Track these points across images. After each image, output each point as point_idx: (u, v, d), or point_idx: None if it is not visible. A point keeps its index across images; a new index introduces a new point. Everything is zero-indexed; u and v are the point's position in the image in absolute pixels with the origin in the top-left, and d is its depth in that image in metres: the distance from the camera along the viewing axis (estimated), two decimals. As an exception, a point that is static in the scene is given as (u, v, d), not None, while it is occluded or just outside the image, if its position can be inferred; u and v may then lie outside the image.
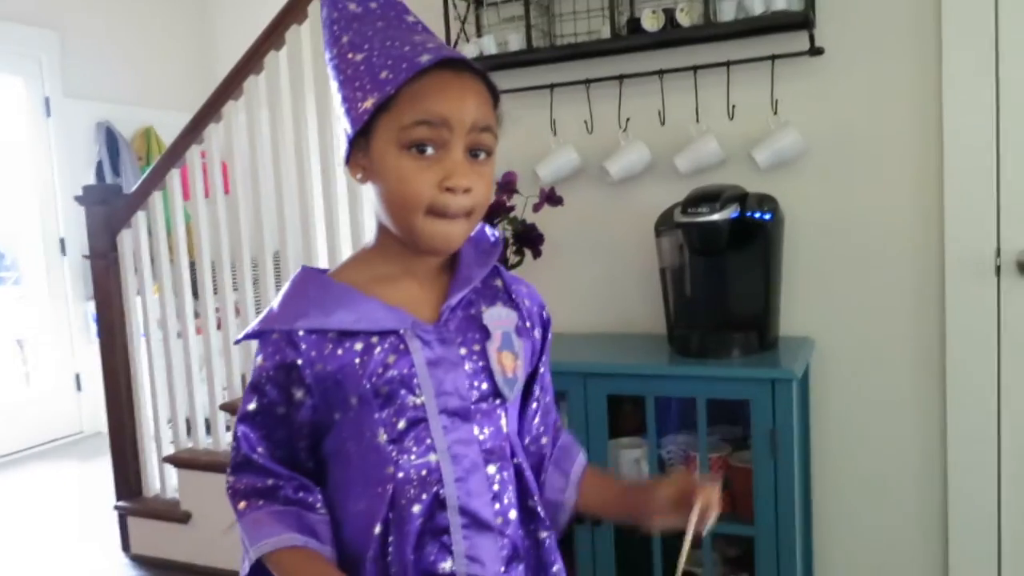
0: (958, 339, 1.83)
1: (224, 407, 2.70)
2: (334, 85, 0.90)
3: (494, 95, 0.90)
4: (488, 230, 0.99)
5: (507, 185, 1.97)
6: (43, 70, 4.47)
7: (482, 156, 0.88)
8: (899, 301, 1.89)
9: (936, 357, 1.87)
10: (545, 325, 1.02)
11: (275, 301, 0.91)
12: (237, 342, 0.97)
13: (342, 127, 0.91)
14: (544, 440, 1.03)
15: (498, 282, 0.98)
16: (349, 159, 0.90)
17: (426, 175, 0.84)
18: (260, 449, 0.92)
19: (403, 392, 0.87)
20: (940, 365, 1.87)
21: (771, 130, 1.90)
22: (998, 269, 1.78)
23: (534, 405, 1.02)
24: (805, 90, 1.90)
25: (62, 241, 4.56)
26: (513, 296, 0.97)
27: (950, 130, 1.79)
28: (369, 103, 0.85)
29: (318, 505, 0.91)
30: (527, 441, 1.02)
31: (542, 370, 1.03)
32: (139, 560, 2.81)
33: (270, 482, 0.92)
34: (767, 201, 1.79)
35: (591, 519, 1.09)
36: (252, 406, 0.91)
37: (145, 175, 2.77)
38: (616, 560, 1.79)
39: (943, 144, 1.80)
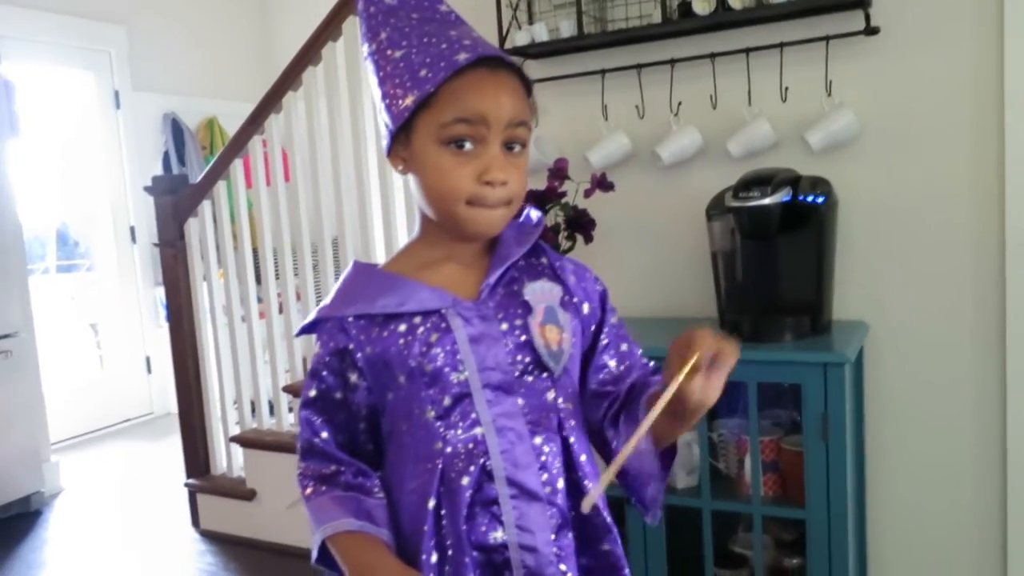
0: (1019, 323, 1.79)
1: (286, 389, 2.79)
2: (373, 80, 0.95)
3: (527, 87, 0.93)
4: (532, 213, 1.02)
5: (559, 171, 1.99)
6: (113, 64, 4.64)
7: (517, 148, 0.91)
8: (956, 285, 1.86)
9: (995, 342, 1.84)
10: (602, 297, 1.03)
11: (329, 295, 0.98)
12: (297, 335, 1.04)
13: (382, 120, 0.95)
14: (630, 379, 1.00)
15: (543, 260, 1.01)
16: (390, 152, 0.95)
17: (465, 169, 0.89)
18: (324, 434, 0.98)
19: (447, 369, 0.92)
20: (1000, 350, 1.83)
21: (825, 112, 1.88)
22: (1062, 252, 1.74)
23: (606, 360, 1.01)
24: (860, 71, 1.88)
25: (132, 229, 4.74)
26: (558, 272, 1.00)
27: (1012, 112, 1.75)
28: (410, 100, 0.89)
29: (375, 490, 0.97)
30: (615, 389, 0.99)
31: (604, 340, 1.01)
32: (208, 535, 2.93)
33: (331, 468, 0.98)
34: (820, 184, 1.78)
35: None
36: (312, 392, 0.98)
37: (210, 165, 2.87)
38: (667, 541, 1.82)
39: (1004, 126, 1.76)
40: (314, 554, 0.98)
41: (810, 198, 1.75)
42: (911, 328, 1.91)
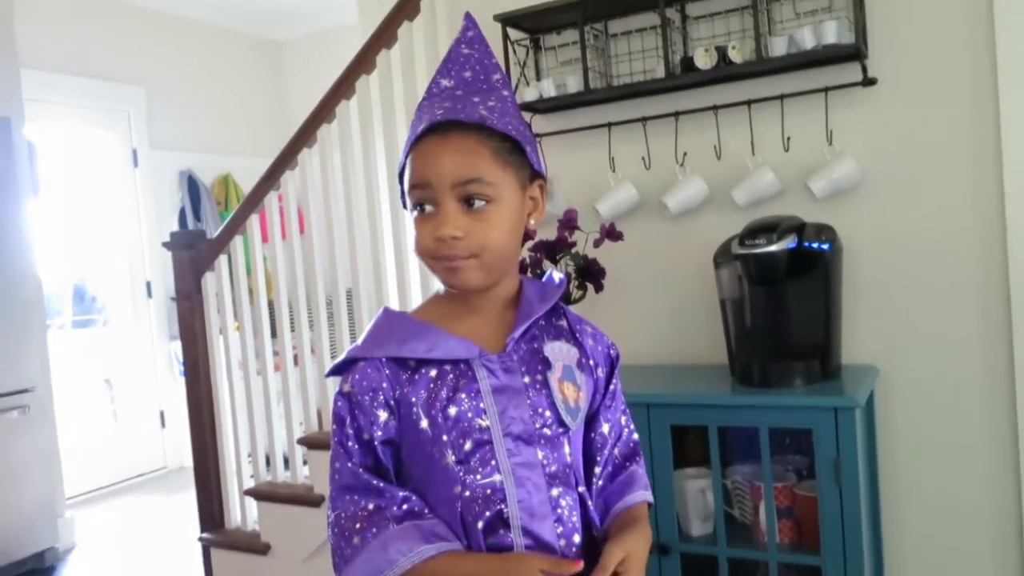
0: (1028, 364, 1.80)
1: (301, 441, 2.80)
2: None
3: (507, 141, 0.96)
4: (555, 274, 1.08)
5: (568, 222, 2.03)
6: (131, 123, 4.77)
7: (478, 204, 0.94)
8: (964, 326, 1.88)
9: (1006, 383, 1.85)
10: (612, 362, 1.09)
11: (360, 338, 1.01)
12: (328, 374, 1.04)
13: None
14: (616, 451, 1.08)
15: (563, 322, 1.06)
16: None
17: (426, 228, 0.95)
18: (360, 471, 0.96)
19: (470, 415, 0.95)
20: (1010, 390, 1.84)
21: (827, 160, 1.93)
22: (1067, 293, 1.76)
23: (601, 422, 1.07)
24: (860, 119, 1.93)
25: (148, 284, 4.81)
26: (577, 335, 1.05)
27: (1010, 156, 1.79)
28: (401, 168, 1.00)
29: (426, 511, 0.95)
30: (605, 455, 1.06)
31: (608, 402, 1.08)
32: (222, 589, 2.92)
33: (371, 505, 0.94)
34: (825, 231, 1.81)
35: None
36: (345, 430, 0.97)
37: (227, 221, 2.93)
38: (683, 589, 1.81)
39: (1002, 170, 1.80)
40: None
41: (815, 244, 1.78)
42: (921, 370, 1.92)
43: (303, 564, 2.65)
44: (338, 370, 1.00)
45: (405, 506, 0.94)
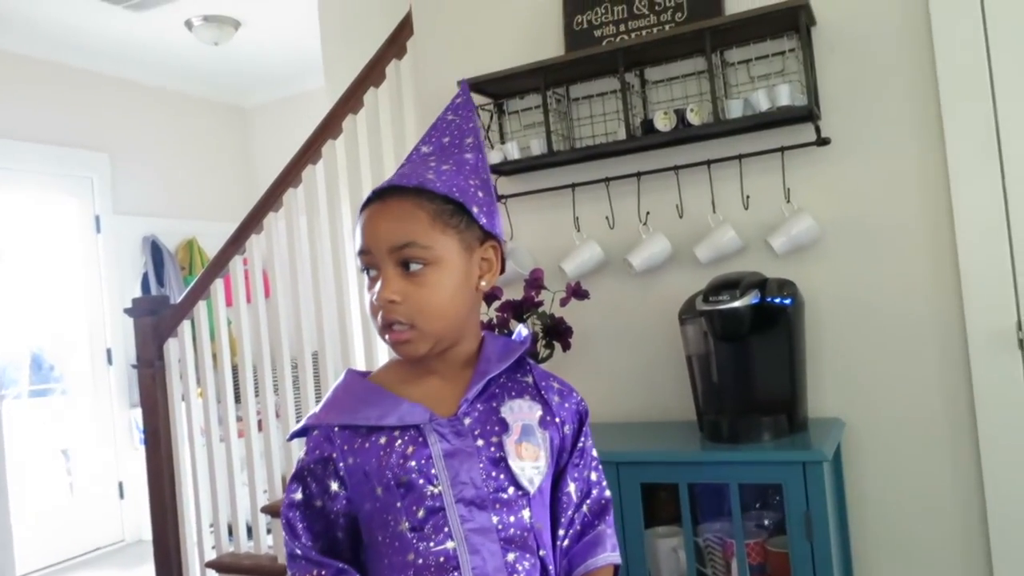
0: (988, 413, 1.83)
1: (265, 509, 2.74)
2: None
3: (449, 203, 0.97)
4: (523, 330, 1.07)
5: (534, 281, 2.05)
6: (95, 189, 4.74)
7: (415, 267, 0.95)
8: (925, 378, 1.91)
9: (968, 432, 1.87)
10: (582, 418, 1.07)
11: (320, 402, 1.01)
12: (289, 439, 1.06)
13: None
14: (585, 509, 1.06)
15: (528, 379, 1.05)
16: None
17: (372, 292, 0.97)
18: (304, 540, 0.99)
19: (422, 482, 0.94)
20: (972, 439, 1.86)
21: (785, 217, 1.97)
22: (1021, 342, 1.81)
23: (568, 482, 1.04)
24: (816, 177, 1.98)
25: (109, 351, 4.71)
26: (542, 392, 1.03)
27: (960, 211, 1.85)
28: None
29: None
30: (569, 515, 1.04)
31: (575, 460, 1.05)
32: (181, 668, 2.79)
33: (314, 572, 0.98)
34: (786, 286, 1.85)
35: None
36: (297, 495, 1.00)
37: (190, 286, 2.91)
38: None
39: (954, 224, 1.86)
40: None
41: (778, 300, 1.81)
42: (885, 422, 1.94)
43: (267, 639, 2.56)
44: (297, 435, 1.01)
45: None
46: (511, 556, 0.95)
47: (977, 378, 1.84)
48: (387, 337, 0.97)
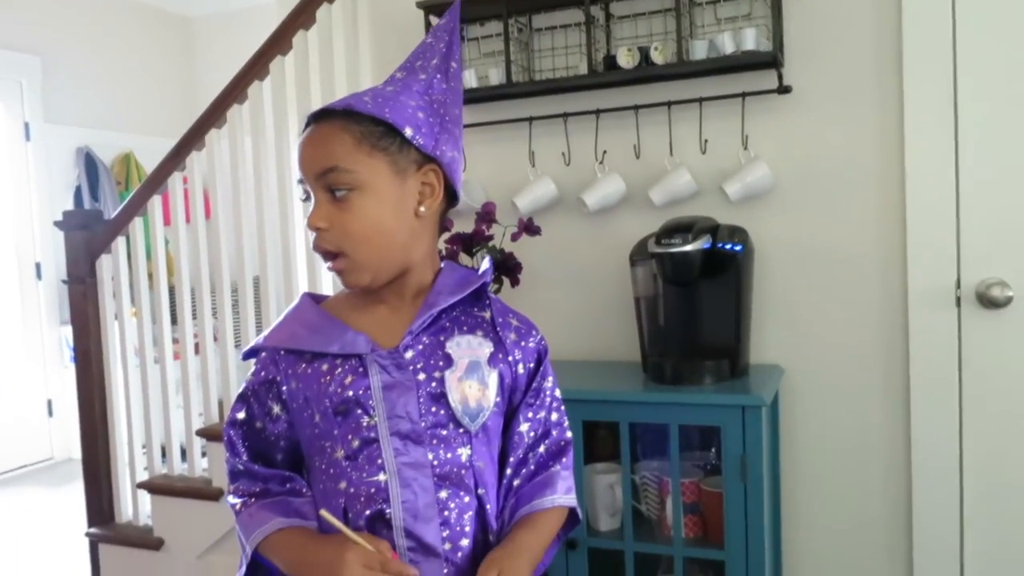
0: (921, 367, 1.89)
1: (200, 432, 2.69)
2: None
3: (380, 125, 0.92)
4: (484, 263, 1.04)
5: (486, 215, 2.01)
6: (24, 95, 4.49)
7: (341, 193, 0.92)
8: (864, 330, 1.95)
9: (900, 385, 1.93)
10: (540, 357, 1.04)
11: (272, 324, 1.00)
12: (243, 358, 1.05)
13: None
14: (541, 449, 1.03)
15: (486, 313, 1.01)
16: None
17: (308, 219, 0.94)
18: (245, 457, 1.00)
19: (358, 412, 0.93)
20: (904, 392, 1.92)
21: (741, 164, 1.97)
22: (958, 300, 1.85)
23: (522, 426, 1.02)
24: (774, 126, 1.98)
25: (38, 265, 4.54)
26: (498, 328, 1.00)
27: (912, 169, 1.86)
28: None
29: (304, 490, 0.98)
30: (519, 455, 1.01)
31: (530, 399, 1.02)
32: (110, 588, 2.77)
33: (259, 486, 0.99)
34: (738, 233, 1.85)
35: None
36: (240, 415, 1.01)
37: (126, 201, 2.78)
38: (590, 584, 1.82)
39: (905, 180, 1.87)
40: (241, 573, 0.97)
41: (728, 246, 1.82)
42: (823, 370, 1.99)
43: (198, 560, 2.55)
44: (248, 355, 1.01)
45: (288, 485, 0.98)
46: (443, 493, 0.93)
47: (914, 331, 1.89)
48: (329, 268, 0.95)
